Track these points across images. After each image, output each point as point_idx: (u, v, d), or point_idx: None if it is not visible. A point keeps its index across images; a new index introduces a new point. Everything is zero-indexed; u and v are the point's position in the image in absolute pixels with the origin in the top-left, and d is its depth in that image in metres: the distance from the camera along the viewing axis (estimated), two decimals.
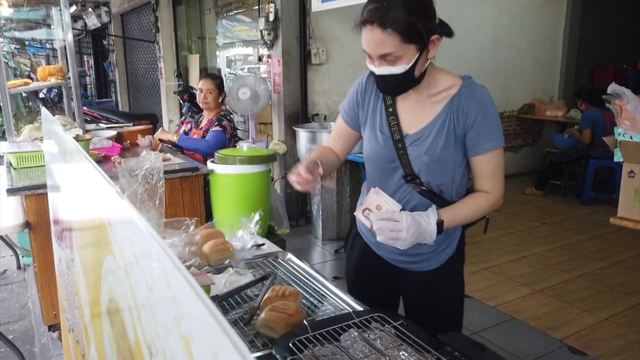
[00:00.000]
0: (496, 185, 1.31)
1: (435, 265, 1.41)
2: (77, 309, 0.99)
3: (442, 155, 1.28)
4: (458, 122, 1.26)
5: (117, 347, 0.58)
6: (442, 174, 1.30)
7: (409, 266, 1.43)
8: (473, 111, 1.25)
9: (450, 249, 1.41)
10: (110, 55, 9.76)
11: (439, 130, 1.28)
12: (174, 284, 0.33)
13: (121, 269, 0.51)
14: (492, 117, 1.27)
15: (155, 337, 0.40)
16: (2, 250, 3.89)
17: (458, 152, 1.29)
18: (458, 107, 1.26)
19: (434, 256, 1.40)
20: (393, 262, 1.45)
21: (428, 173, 1.30)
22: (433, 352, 1.01)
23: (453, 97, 1.27)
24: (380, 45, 1.17)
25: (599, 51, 6.76)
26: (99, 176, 0.57)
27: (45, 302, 2.36)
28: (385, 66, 1.20)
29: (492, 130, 1.26)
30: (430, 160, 1.28)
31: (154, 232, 0.39)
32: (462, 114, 1.25)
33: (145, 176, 1.14)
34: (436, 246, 1.37)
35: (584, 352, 2.51)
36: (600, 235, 4.19)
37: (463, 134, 1.27)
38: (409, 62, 1.19)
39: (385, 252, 1.44)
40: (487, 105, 1.27)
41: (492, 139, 1.26)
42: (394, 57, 1.18)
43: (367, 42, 1.19)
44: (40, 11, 9.41)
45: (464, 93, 1.26)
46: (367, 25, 1.17)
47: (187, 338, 0.31)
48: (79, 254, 0.85)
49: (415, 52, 1.18)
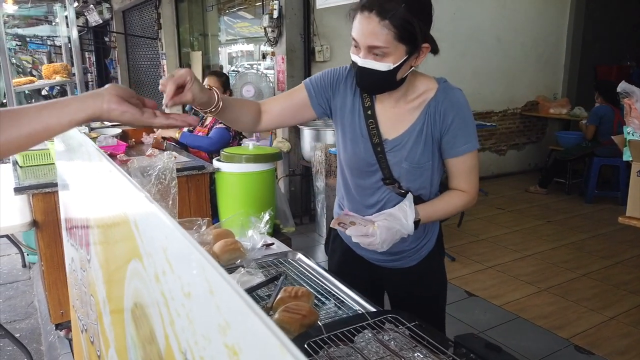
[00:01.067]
0: (471, 185, 1.34)
1: (416, 260, 1.45)
2: (92, 310, 0.99)
3: (421, 160, 1.30)
4: (435, 125, 1.28)
5: (144, 351, 0.58)
6: (421, 178, 1.33)
7: (390, 264, 1.47)
8: (450, 115, 1.26)
9: (429, 244, 1.45)
10: (112, 52, 9.75)
11: (418, 136, 1.28)
12: (218, 292, 0.33)
13: (150, 275, 0.50)
14: (467, 121, 1.29)
15: (193, 344, 0.40)
16: (7, 248, 3.89)
17: (435, 156, 1.32)
18: (435, 111, 1.27)
19: (414, 252, 1.44)
20: (374, 261, 1.49)
21: (409, 179, 1.33)
22: (448, 354, 1.00)
23: (429, 102, 1.27)
24: (372, 35, 1.13)
25: (602, 48, 6.75)
26: (126, 180, 0.56)
27: (52, 301, 2.36)
28: (371, 59, 1.17)
29: (468, 133, 1.29)
30: (410, 166, 1.30)
31: (192, 238, 0.39)
32: (439, 118, 1.27)
33: (158, 176, 1.14)
34: (416, 243, 1.42)
35: (591, 351, 2.51)
36: (604, 234, 4.19)
37: (439, 136, 1.29)
38: (396, 61, 1.16)
39: (366, 252, 1.47)
40: (463, 109, 1.28)
41: (468, 141, 1.29)
42: (382, 52, 1.15)
43: (359, 29, 1.15)
44: (42, 8, 9.39)
45: (440, 97, 1.27)
46: (365, 12, 1.13)
47: (235, 348, 0.31)
48: (96, 256, 0.85)
49: (404, 54, 1.16)
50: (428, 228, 1.43)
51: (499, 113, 6.02)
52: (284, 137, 4.47)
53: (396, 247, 1.33)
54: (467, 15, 5.43)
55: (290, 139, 4.45)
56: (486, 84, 5.75)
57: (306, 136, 4.18)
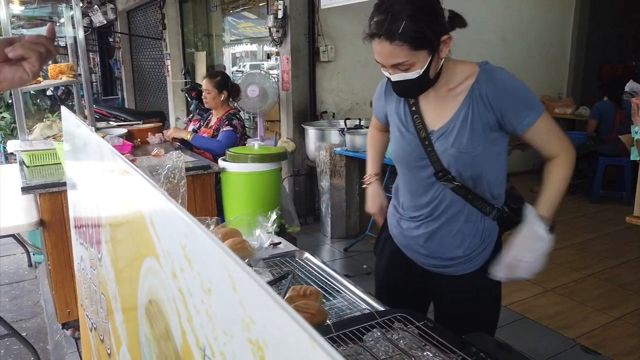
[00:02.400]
0: (561, 143, 1.29)
1: (470, 269, 1.38)
2: (103, 308, 0.99)
3: (469, 145, 1.25)
4: (485, 110, 1.24)
5: (158, 348, 0.58)
6: (472, 165, 1.27)
7: (442, 270, 1.40)
8: (499, 95, 1.23)
9: (485, 253, 1.37)
10: (116, 52, 9.77)
11: (463, 122, 1.26)
12: (242, 288, 0.33)
13: (167, 272, 0.51)
14: (520, 93, 1.25)
15: (212, 340, 0.40)
16: (13, 248, 3.91)
17: (487, 141, 1.26)
18: (480, 95, 1.24)
19: (469, 260, 1.37)
20: (426, 266, 1.43)
21: (458, 165, 1.28)
22: (458, 353, 1.00)
23: (472, 86, 1.25)
24: (390, 56, 1.18)
25: (607, 48, 6.73)
26: (141, 177, 0.57)
27: (59, 300, 2.38)
28: (399, 73, 1.21)
29: (526, 103, 1.25)
30: (458, 152, 1.26)
31: (213, 235, 0.39)
32: (488, 102, 1.24)
33: (167, 175, 1.15)
34: (471, 250, 1.35)
35: (597, 352, 2.50)
36: (610, 234, 4.17)
37: (496, 121, 1.25)
38: (422, 66, 1.19)
39: (417, 256, 1.43)
40: (511, 84, 1.25)
41: (531, 111, 1.24)
42: (407, 65, 1.19)
43: (378, 54, 1.20)
44: (47, 9, 9.43)
45: (482, 79, 1.25)
46: (375, 39, 1.18)
47: (259, 344, 0.31)
48: (108, 255, 0.85)
49: (427, 57, 1.19)
50: (485, 236, 1.35)
51: None
52: (289, 137, 4.47)
53: (450, 252, 1.32)
54: (472, 15, 5.38)
55: (295, 138, 4.45)
56: None
57: (311, 136, 4.19)
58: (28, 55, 0.83)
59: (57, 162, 2.64)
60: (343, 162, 3.97)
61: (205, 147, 3.13)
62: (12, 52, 0.82)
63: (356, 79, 4.60)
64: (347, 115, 4.37)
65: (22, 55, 0.82)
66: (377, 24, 1.16)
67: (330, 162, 3.97)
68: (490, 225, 1.36)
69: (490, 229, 1.36)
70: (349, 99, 4.67)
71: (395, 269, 1.51)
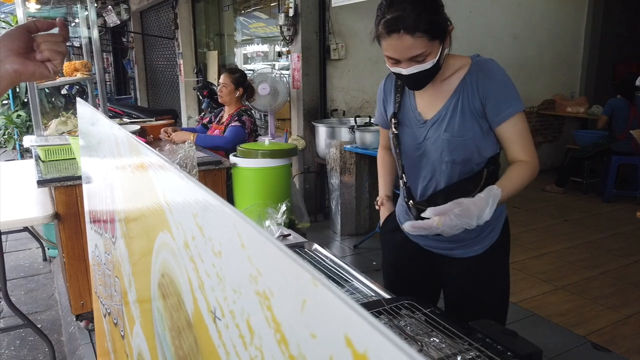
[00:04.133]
0: (529, 152, 1.31)
1: (478, 251, 1.40)
2: (117, 291, 1.02)
3: (461, 130, 1.30)
4: (473, 97, 1.30)
5: (171, 320, 0.61)
6: (465, 148, 1.31)
7: (449, 252, 1.42)
8: (486, 83, 1.29)
9: (493, 235, 1.40)
10: (130, 52, 9.89)
11: (454, 108, 1.31)
12: (249, 244, 0.35)
13: (179, 243, 0.53)
14: (505, 85, 1.30)
15: (222, 300, 0.42)
16: (28, 243, 3.98)
17: (477, 125, 1.31)
18: (470, 83, 1.30)
19: (477, 242, 1.39)
20: (434, 249, 1.44)
21: (451, 150, 1.32)
22: (465, 338, 1.01)
23: (465, 76, 1.32)
24: (410, 49, 1.21)
25: (621, 46, 6.65)
26: (154, 154, 0.59)
27: (73, 292, 2.42)
28: (415, 66, 1.24)
29: (508, 96, 1.29)
30: (451, 136, 1.31)
31: (221, 198, 0.41)
32: (476, 89, 1.29)
33: (179, 164, 1.17)
34: (479, 231, 1.37)
35: (608, 349, 2.49)
36: (623, 233, 4.13)
37: (481, 107, 1.30)
38: (436, 56, 1.24)
39: (425, 240, 1.44)
40: (498, 75, 1.30)
41: (511, 104, 1.28)
42: (424, 56, 1.23)
43: (396, 49, 1.22)
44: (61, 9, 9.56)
45: (474, 69, 1.31)
46: (394, 35, 1.20)
47: (266, 294, 0.33)
48: (122, 237, 0.88)
49: (439, 46, 1.24)
50: (494, 216, 1.31)
51: None
52: (299, 134, 4.50)
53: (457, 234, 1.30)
54: (483, 13, 5.41)
55: (305, 136, 4.47)
56: None
57: (321, 133, 4.21)
58: (54, 58, 0.89)
59: (71, 157, 2.68)
60: (353, 159, 3.98)
61: (211, 145, 3.12)
62: (39, 55, 0.89)
63: (366, 77, 4.62)
64: (358, 113, 4.39)
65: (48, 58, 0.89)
66: (394, 20, 1.19)
67: (340, 159, 3.99)
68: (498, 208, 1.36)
69: (498, 211, 1.36)
70: (359, 97, 4.68)
71: (404, 258, 1.53)
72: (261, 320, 0.34)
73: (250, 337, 0.37)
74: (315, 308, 0.27)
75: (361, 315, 0.23)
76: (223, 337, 0.43)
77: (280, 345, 0.31)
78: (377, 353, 0.22)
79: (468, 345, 1.00)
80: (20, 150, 5.63)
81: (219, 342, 0.44)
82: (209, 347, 0.46)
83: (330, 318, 0.25)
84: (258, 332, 0.35)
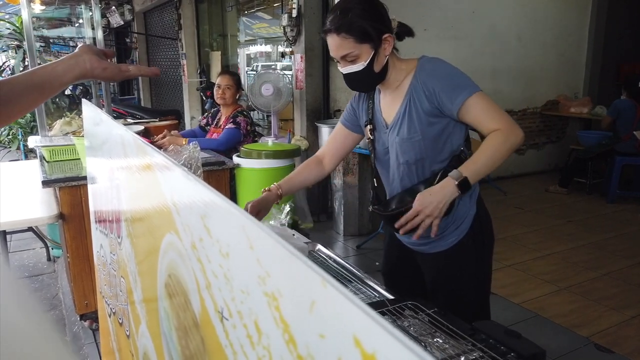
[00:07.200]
0: (498, 119, 1.31)
1: (445, 247, 1.47)
2: (122, 291, 1.03)
3: (410, 132, 1.39)
4: (420, 98, 1.36)
5: (177, 320, 0.61)
6: (414, 150, 1.39)
7: (422, 248, 1.52)
8: (430, 82, 1.34)
9: (459, 232, 1.45)
10: (133, 52, 9.91)
11: (404, 113, 1.40)
12: (258, 246, 0.35)
13: (186, 244, 0.53)
14: (449, 76, 1.35)
15: (230, 301, 0.42)
16: (32, 243, 4.00)
17: (429, 126, 1.36)
18: (416, 86, 1.37)
19: (443, 239, 1.46)
20: (411, 245, 1.55)
21: (403, 152, 1.41)
22: (468, 339, 1.02)
23: (412, 81, 1.39)
24: (339, 48, 1.34)
25: (625, 46, 6.63)
26: (161, 157, 0.60)
27: (77, 292, 2.43)
28: (348, 65, 1.36)
29: (456, 84, 1.33)
30: (400, 140, 1.41)
31: (230, 201, 0.41)
32: (422, 90, 1.36)
33: (184, 166, 1.18)
34: (444, 228, 1.42)
35: (611, 350, 2.48)
36: (626, 234, 4.12)
37: (434, 106, 1.35)
38: (367, 59, 1.34)
39: (403, 237, 1.53)
40: (439, 70, 1.36)
41: (462, 91, 1.32)
42: (353, 57, 1.34)
43: (330, 47, 1.36)
44: (65, 10, 9.61)
45: (419, 72, 1.38)
46: (328, 34, 1.35)
47: (275, 295, 0.33)
48: (128, 238, 0.89)
49: (370, 50, 1.34)
50: (457, 215, 1.42)
51: (518, 112, 5.96)
52: (302, 135, 4.50)
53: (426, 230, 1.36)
54: (487, 14, 5.40)
55: (308, 137, 4.48)
56: (505, 82, 5.71)
57: (324, 134, 4.20)
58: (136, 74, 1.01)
59: (76, 158, 2.70)
60: (356, 160, 3.99)
61: (205, 147, 3.10)
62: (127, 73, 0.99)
63: None
64: None
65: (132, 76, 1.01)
66: (329, 21, 1.34)
67: (344, 160, 3.99)
68: (463, 203, 1.42)
69: (464, 208, 1.43)
70: None
71: (393, 257, 1.65)
72: (269, 321, 0.34)
73: (258, 337, 0.37)
74: (324, 309, 0.27)
75: (370, 316, 0.24)
76: (230, 336, 0.43)
77: (289, 345, 0.32)
78: (385, 353, 0.22)
79: (471, 346, 1.00)
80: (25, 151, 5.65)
81: (226, 341, 0.44)
82: (216, 346, 0.47)
83: (339, 319, 0.26)
84: (266, 332, 0.35)
